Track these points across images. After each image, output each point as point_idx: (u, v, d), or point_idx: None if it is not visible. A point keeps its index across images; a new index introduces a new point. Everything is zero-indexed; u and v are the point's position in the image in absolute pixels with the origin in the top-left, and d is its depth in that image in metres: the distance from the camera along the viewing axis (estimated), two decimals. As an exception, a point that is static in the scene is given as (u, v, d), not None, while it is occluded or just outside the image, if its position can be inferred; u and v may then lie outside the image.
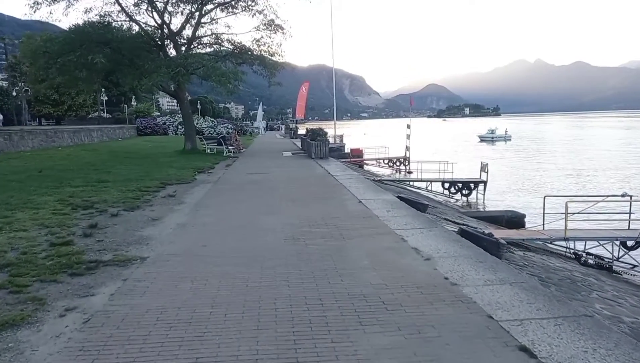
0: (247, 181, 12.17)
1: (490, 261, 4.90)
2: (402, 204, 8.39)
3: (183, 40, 21.90)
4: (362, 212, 7.76)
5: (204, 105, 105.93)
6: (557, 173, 34.86)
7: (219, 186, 11.48)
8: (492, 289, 4.10)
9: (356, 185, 11.12)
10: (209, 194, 10.10)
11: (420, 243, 5.70)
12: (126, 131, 41.66)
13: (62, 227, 6.61)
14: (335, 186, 11.14)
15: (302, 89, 40.22)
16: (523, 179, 32.49)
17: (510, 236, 12.23)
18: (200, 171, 14.86)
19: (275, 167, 15.98)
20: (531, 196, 26.70)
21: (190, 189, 10.89)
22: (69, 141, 28.33)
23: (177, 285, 4.29)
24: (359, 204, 8.56)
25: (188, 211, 8.14)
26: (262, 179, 12.47)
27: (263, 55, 21.41)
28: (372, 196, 9.48)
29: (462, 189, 26.75)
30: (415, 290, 4.15)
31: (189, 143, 22.42)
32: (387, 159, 40.70)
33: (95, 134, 33.21)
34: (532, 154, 50.80)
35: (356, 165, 35.25)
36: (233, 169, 15.65)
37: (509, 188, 29.04)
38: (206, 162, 17.67)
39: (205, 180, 12.65)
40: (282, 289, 4.20)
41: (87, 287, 4.29)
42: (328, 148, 18.85)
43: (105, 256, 5.24)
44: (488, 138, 79.63)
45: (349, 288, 4.20)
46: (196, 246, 5.68)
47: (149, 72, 17.68)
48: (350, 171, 14.82)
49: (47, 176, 12.59)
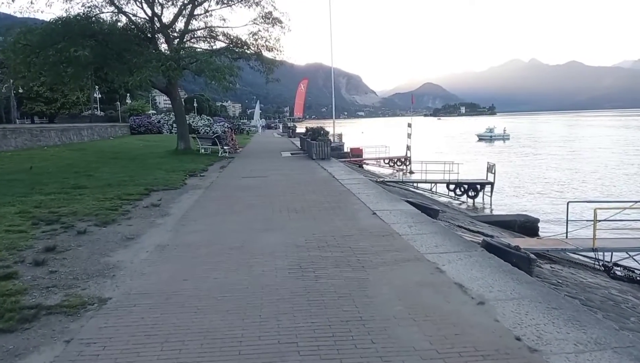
0: (243, 187, 10.89)
1: (569, 308, 3.64)
2: (425, 218, 7.15)
3: (175, 33, 20.55)
4: (380, 228, 6.50)
5: (201, 103, 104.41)
6: (563, 173, 33.74)
7: (211, 192, 10.19)
8: (592, 360, 2.85)
9: (366, 191, 9.87)
10: (198, 203, 8.80)
11: (462, 276, 4.45)
12: (119, 130, 40.20)
13: (11, 251, 5.30)
14: (342, 192, 9.88)
15: (300, 86, 38.91)
16: (529, 180, 31.33)
17: (533, 246, 11.05)
18: (191, 174, 13.55)
19: (274, 169, 14.70)
20: (541, 198, 25.53)
21: (177, 196, 9.59)
22: (56, 140, 26.90)
23: (140, 353, 3.01)
24: (373, 216, 7.30)
25: (172, 225, 6.85)
26: (260, 184, 11.20)
27: (260, 50, 20.11)
28: (386, 205, 8.22)
29: (468, 190, 25.57)
30: (482, 361, 2.90)
31: (182, 143, 21.07)
32: (387, 159, 39.51)
33: (85, 132, 31.76)
34: (534, 154, 49.71)
35: (356, 165, 34.05)
36: (228, 172, 14.36)
37: (516, 190, 27.87)
38: (199, 163, 16.36)
39: (196, 185, 11.34)
40: (289, 358, 2.94)
41: (11, 355, 3.01)
42: (330, 148, 17.58)
43: (52, 298, 3.95)
44: (486, 137, 78.64)
45: (385, 356, 2.94)
46: (175, 281, 4.40)
47: (137, 67, 16.33)
48: (356, 174, 13.56)
49: (19, 181, 11.26)
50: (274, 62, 20.05)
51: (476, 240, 9.63)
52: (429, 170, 24.98)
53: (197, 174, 13.49)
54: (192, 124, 48.32)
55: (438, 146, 59.87)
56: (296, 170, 14.51)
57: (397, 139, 53.81)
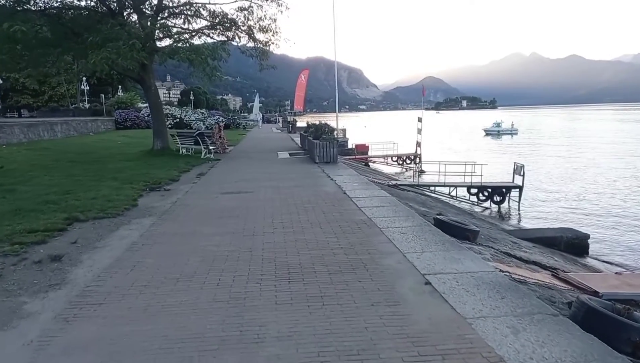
0: (216, 213, 7.51)
1: None
2: (539, 304, 3.75)
3: (148, 11, 17.02)
4: (454, 333, 3.16)
5: (198, 96, 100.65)
6: (591, 172, 30.25)
7: (163, 226, 6.76)
8: None
9: (400, 225, 6.48)
10: (130, 253, 5.37)
11: None
12: (101, 124, 36.64)
13: None
14: (361, 225, 6.51)
15: (300, 77, 35.35)
16: (559, 180, 27.86)
17: (617, 290, 7.73)
18: (153, 187, 10.14)
19: (266, 179, 11.30)
20: (578, 203, 22.15)
21: (107, 235, 6.18)
22: (20, 136, 23.44)
23: None
24: (428, 295, 3.96)
25: (48, 321, 3.51)
26: (241, 208, 7.81)
27: (252, 31, 16.60)
28: (443, 262, 4.84)
29: (492, 195, 22.21)
30: None
31: (158, 141, 17.59)
32: (395, 157, 36.14)
33: (59, 128, 28.22)
34: (548, 150, 46.08)
35: (362, 163, 30.72)
36: (204, 184, 10.97)
37: (546, 193, 24.43)
38: (172, 169, 12.94)
39: (148, 209, 7.93)
40: None
41: None
42: (337, 149, 14.16)
43: None
44: (494, 132, 75.22)
45: None
46: None
47: (94, 47, 12.90)
48: (374, 189, 10.09)
49: None
50: (268, 44, 16.54)
51: (549, 283, 6.45)
52: (445, 171, 21.54)
53: (160, 188, 10.08)
54: (185, 119, 44.90)
55: (443, 141, 56.33)
56: (294, 180, 11.11)
57: (402, 133, 50.43)
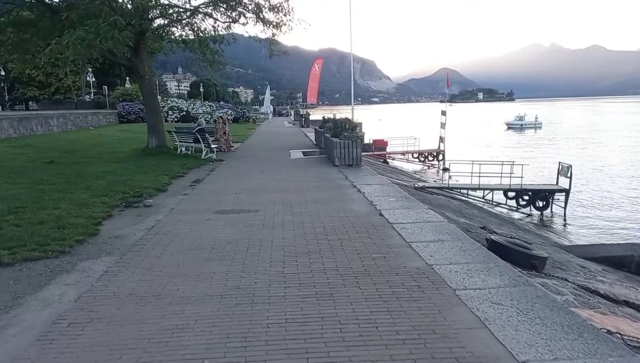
0: (204, 249, 5.16)
1: None
2: None
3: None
4: None
5: (208, 88, 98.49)
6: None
7: (121, 275, 4.43)
8: None
9: (483, 283, 4.07)
10: (44, 344, 3.12)
11: None
12: (103, 118, 34.68)
13: None
14: (420, 281, 4.09)
15: (314, 67, 32.88)
16: (610, 182, 24.84)
17: None
18: (132, 201, 7.83)
19: (276, 190, 8.93)
20: (630, 208, 19.40)
21: (26, 295, 3.89)
22: (10, 131, 21.49)
23: None
24: None
25: None
26: (241, 239, 5.46)
27: (261, 7, 14.18)
28: None
29: (534, 200, 19.54)
30: None
31: (153, 139, 15.33)
32: (417, 153, 33.54)
33: (54, 122, 26.24)
34: (581, 147, 42.68)
35: (380, 159, 28.28)
36: (198, 195, 8.65)
37: (597, 197, 21.59)
38: (162, 175, 10.66)
39: (112, 239, 5.61)
40: None
41: None
42: (361, 150, 11.69)
43: None
44: (516, 126, 71.72)
45: None
46: None
47: (70, 25, 10.65)
48: (418, 207, 7.60)
49: None
50: (280, 26, 14.09)
51: None
52: (480, 172, 18.91)
53: (140, 202, 7.77)
54: (192, 112, 42.80)
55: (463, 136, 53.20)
56: (311, 192, 8.73)
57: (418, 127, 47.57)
